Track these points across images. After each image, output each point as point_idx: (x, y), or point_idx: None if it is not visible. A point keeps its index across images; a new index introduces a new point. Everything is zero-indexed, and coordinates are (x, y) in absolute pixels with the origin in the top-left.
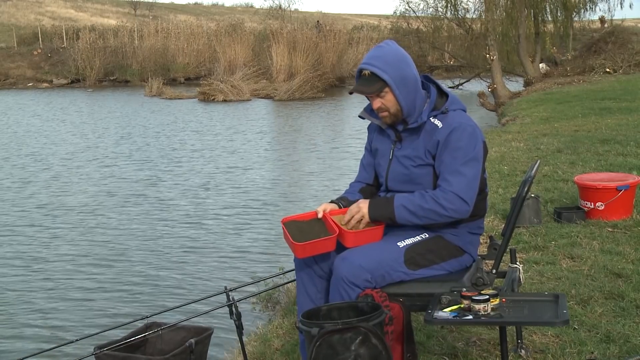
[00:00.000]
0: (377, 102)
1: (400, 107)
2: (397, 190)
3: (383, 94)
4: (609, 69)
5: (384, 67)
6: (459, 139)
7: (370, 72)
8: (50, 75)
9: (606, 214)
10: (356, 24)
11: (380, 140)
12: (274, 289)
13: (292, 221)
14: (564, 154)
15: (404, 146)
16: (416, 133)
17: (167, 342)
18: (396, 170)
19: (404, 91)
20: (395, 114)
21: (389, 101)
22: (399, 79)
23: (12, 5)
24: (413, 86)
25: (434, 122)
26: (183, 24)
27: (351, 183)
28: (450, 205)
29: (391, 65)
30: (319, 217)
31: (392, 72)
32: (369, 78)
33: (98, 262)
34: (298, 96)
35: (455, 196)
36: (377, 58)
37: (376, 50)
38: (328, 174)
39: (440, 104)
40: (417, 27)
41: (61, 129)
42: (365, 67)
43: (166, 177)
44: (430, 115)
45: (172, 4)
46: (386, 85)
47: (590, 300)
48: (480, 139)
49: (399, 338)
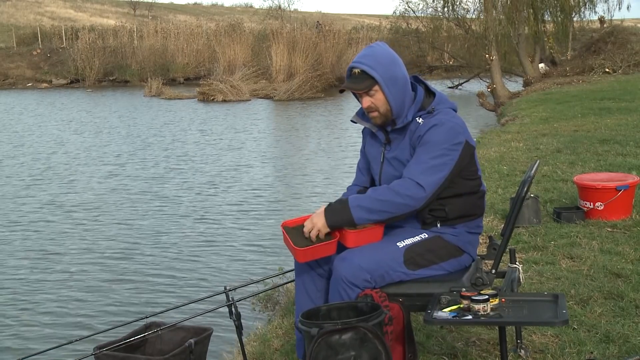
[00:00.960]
0: (367, 100)
1: (389, 107)
2: None
3: (372, 93)
4: (608, 69)
5: (374, 65)
6: (435, 133)
7: (361, 70)
8: (50, 76)
9: (605, 214)
10: (355, 24)
11: (371, 143)
12: (274, 289)
13: (291, 225)
14: (563, 154)
15: (393, 148)
16: (402, 134)
17: (167, 342)
18: (388, 173)
19: (393, 90)
20: (385, 114)
21: (378, 100)
22: (388, 78)
23: (12, 6)
24: (402, 86)
25: (419, 121)
26: (182, 24)
27: (348, 187)
28: (405, 191)
29: (381, 64)
30: None
31: (382, 71)
32: (359, 76)
33: (97, 262)
34: (297, 96)
35: (410, 181)
36: (368, 57)
37: (367, 50)
38: (328, 173)
39: (427, 103)
40: (417, 27)
41: (62, 129)
42: (355, 65)
43: (165, 178)
44: (417, 116)
45: (171, 4)
46: (376, 83)
47: (590, 300)
48: (459, 134)
49: (399, 338)
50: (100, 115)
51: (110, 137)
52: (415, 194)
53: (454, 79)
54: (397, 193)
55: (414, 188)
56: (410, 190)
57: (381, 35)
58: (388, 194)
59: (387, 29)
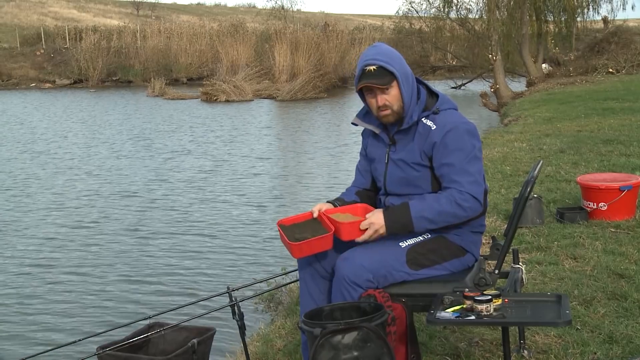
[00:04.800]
0: (382, 98)
1: (402, 104)
2: (396, 193)
3: (388, 90)
4: (611, 69)
5: (390, 61)
6: (457, 139)
7: (378, 66)
8: (53, 76)
9: (609, 215)
10: (358, 24)
11: (375, 145)
12: (277, 289)
13: (287, 223)
14: (566, 154)
15: (399, 149)
16: (409, 135)
17: (170, 342)
18: (394, 174)
19: (407, 87)
20: (398, 111)
21: (393, 97)
22: (403, 74)
23: (15, 6)
24: (412, 83)
25: (427, 122)
26: (185, 24)
27: (347, 188)
28: (468, 205)
29: (395, 59)
30: (314, 217)
31: (398, 66)
32: (377, 72)
33: (100, 262)
34: (300, 96)
35: (470, 196)
36: (381, 54)
37: (375, 48)
38: (331, 173)
39: (431, 104)
40: (420, 27)
41: (66, 129)
42: (371, 62)
43: (169, 178)
44: (422, 116)
45: (174, 4)
46: (394, 78)
47: (593, 301)
48: (476, 136)
49: (402, 338)
50: (103, 115)
51: (112, 137)
52: (476, 207)
53: (457, 79)
54: (461, 207)
55: (474, 202)
56: (471, 204)
57: (384, 36)
58: (451, 207)
59: (390, 29)
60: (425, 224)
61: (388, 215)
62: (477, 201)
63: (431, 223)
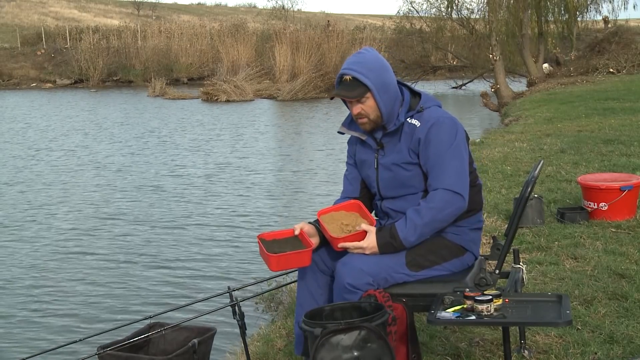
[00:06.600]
0: (357, 107)
1: (380, 114)
2: (391, 197)
3: (364, 100)
4: (612, 69)
5: (365, 72)
6: (438, 132)
7: (352, 77)
8: (54, 76)
9: (610, 215)
10: (359, 24)
11: (362, 151)
12: (277, 289)
13: (268, 238)
14: (567, 154)
15: (387, 152)
16: (396, 136)
17: (170, 342)
18: (386, 178)
19: (384, 97)
20: (375, 121)
21: (369, 107)
22: (380, 85)
23: (16, 6)
24: (393, 92)
25: (412, 122)
26: (186, 24)
27: (336, 200)
28: (445, 203)
29: (372, 71)
30: (295, 235)
31: (373, 77)
32: (350, 83)
33: (101, 262)
34: (301, 96)
35: (447, 191)
36: (358, 64)
37: (356, 56)
38: (332, 173)
39: (415, 103)
40: (420, 27)
41: (67, 129)
42: (347, 72)
43: (169, 178)
44: (407, 116)
45: (175, 4)
46: (368, 90)
47: (594, 301)
48: (459, 128)
49: (403, 338)
50: (103, 115)
51: (113, 137)
52: (456, 202)
53: (458, 79)
54: (440, 209)
55: (453, 197)
56: (450, 200)
57: (385, 36)
58: (431, 214)
59: (390, 29)
60: (414, 241)
61: (379, 239)
62: (456, 195)
63: (421, 237)
